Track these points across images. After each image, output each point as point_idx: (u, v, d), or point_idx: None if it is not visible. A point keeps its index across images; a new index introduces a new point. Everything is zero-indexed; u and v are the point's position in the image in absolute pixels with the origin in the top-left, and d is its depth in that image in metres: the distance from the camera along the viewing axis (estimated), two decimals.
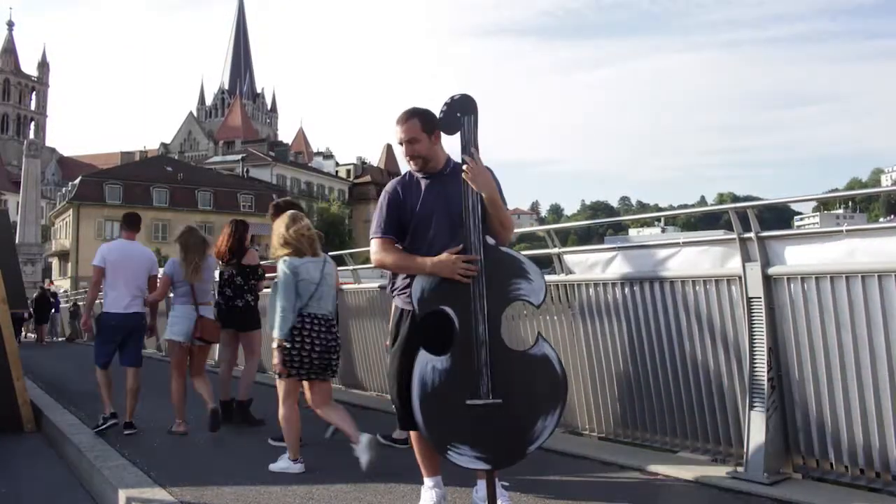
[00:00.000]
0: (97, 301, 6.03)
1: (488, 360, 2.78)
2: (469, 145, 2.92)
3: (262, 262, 6.37)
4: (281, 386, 4.31)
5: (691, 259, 4.29)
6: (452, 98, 2.96)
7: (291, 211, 4.46)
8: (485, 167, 2.93)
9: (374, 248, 3.09)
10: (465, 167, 2.88)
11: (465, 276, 2.81)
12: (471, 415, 2.77)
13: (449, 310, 2.82)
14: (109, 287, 5.62)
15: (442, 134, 3.07)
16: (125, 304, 5.58)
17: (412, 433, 3.13)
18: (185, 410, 5.62)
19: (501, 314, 2.87)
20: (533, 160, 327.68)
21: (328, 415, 4.34)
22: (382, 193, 3.15)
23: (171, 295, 5.80)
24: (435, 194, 3.04)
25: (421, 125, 3.02)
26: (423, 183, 3.08)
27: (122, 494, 3.79)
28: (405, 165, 3.18)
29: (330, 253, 4.99)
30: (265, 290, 6.14)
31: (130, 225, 5.97)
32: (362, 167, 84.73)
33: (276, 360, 4.18)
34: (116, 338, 5.64)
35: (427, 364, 2.81)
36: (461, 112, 2.94)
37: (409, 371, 2.84)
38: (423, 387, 2.79)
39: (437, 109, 3.00)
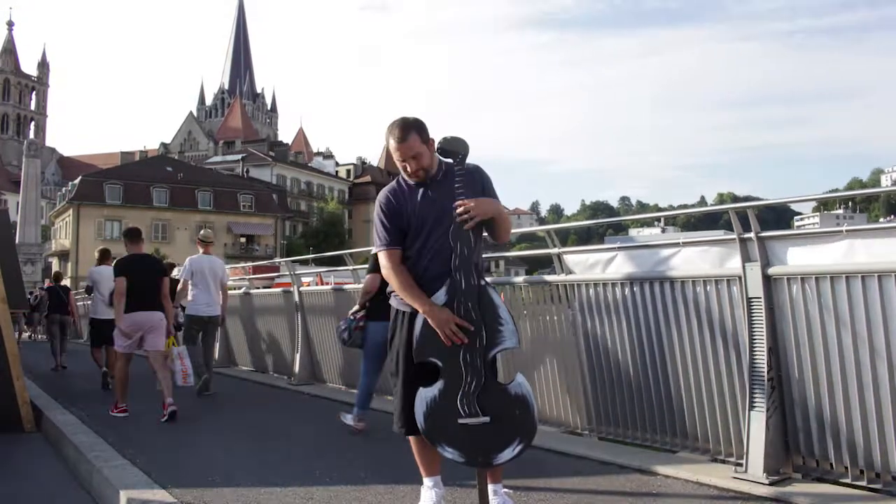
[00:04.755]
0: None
1: (477, 400, 2.87)
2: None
3: (262, 263, 6.43)
4: None
5: (691, 259, 4.29)
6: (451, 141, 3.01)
7: None
8: (478, 200, 2.94)
9: (383, 262, 3.09)
10: (460, 214, 2.88)
11: (450, 337, 2.84)
12: (461, 428, 2.87)
13: (437, 361, 2.88)
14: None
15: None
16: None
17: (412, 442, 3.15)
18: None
19: (487, 356, 2.89)
20: (533, 160, 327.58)
21: None
22: (377, 205, 3.11)
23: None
24: (430, 200, 3.01)
25: (420, 138, 2.97)
26: (417, 189, 3.05)
27: (123, 495, 3.79)
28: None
29: (329, 253, 5.02)
30: None
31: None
32: (362, 167, 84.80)
33: None
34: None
35: (426, 396, 2.90)
36: (455, 154, 3.00)
37: (412, 385, 2.93)
38: (426, 410, 2.90)
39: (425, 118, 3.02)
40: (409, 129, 2.96)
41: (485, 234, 3.12)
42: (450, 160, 3.01)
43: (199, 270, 7.73)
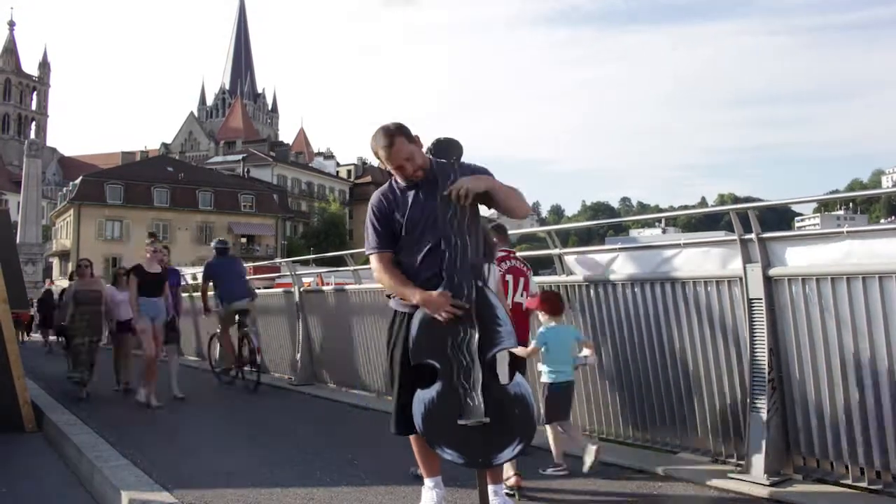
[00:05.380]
0: None
1: (479, 395, 2.82)
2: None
3: (262, 264, 6.44)
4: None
5: (692, 260, 4.29)
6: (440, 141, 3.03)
7: None
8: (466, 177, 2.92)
9: (373, 264, 3.12)
10: (450, 194, 2.87)
11: (448, 317, 2.83)
12: (460, 429, 2.84)
13: (435, 363, 2.87)
14: None
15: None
16: None
17: (412, 436, 3.14)
18: None
19: (486, 357, 2.87)
20: (533, 160, 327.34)
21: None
22: (369, 207, 3.11)
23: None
24: (423, 201, 3.01)
25: (407, 139, 2.99)
26: (409, 190, 3.05)
27: (125, 496, 3.79)
28: None
29: (330, 253, 5.01)
30: None
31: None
32: (363, 167, 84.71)
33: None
34: None
35: (424, 398, 2.88)
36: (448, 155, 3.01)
37: (410, 387, 2.92)
38: (424, 412, 2.87)
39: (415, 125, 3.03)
40: (394, 134, 2.97)
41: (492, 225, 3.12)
42: (444, 160, 3.01)
43: None
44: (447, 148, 3.01)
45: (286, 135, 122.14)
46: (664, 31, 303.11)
